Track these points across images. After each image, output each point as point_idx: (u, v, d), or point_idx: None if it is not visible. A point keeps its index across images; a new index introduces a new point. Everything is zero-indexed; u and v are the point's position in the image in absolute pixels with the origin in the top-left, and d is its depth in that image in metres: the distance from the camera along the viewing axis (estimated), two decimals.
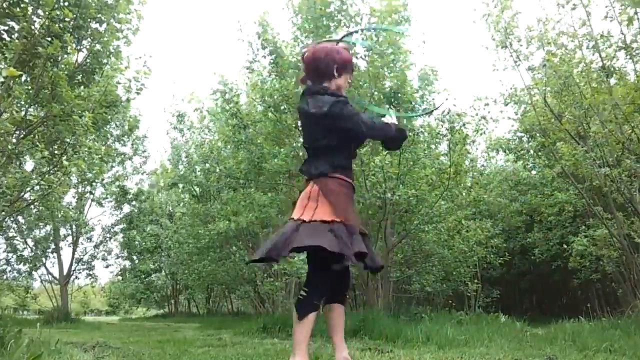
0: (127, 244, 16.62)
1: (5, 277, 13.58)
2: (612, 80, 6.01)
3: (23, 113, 4.46)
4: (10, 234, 12.43)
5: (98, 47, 4.92)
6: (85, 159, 4.75)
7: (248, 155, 7.88)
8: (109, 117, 5.59)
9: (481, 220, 8.83)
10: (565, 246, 9.45)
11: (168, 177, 13.26)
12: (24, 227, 12.29)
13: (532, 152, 10.15)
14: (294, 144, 7.82)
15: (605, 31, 5.80)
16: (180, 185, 10.84)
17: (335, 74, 2.42)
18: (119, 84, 5.27)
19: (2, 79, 3.92)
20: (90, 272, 14.89)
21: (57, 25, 4.27)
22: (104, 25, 4.93)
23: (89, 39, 4.92)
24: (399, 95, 6.64)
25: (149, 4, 5.21)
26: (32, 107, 4.85)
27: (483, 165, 11.63)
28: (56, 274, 13.48)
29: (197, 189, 9.72)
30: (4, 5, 4.38)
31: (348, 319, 5.80)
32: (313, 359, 3.45)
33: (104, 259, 15.36)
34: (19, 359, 2.87)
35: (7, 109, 4.33)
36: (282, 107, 7.18)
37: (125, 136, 13.07)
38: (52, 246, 13.31)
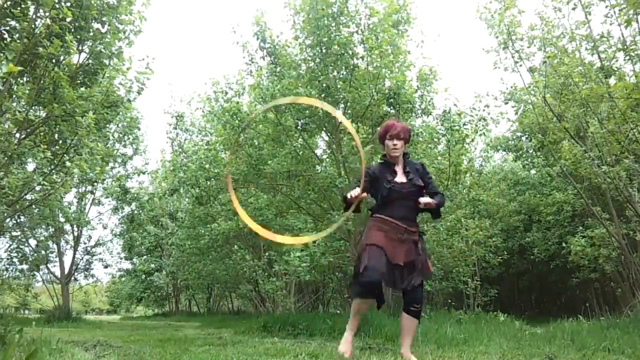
0: (129, 244, 16.68)
1: (7, 275, 13.61)
2: (612, 81, 6.03)
3: (25, 113, 4.48)
4: (13, 234, 12.45)
5: (100, 47, 4.93)
6: (87, 159, 4.77)
7: (246, 158, 7.88)
8: (111, 117, 5.60)
9: (480, 220, 8.85)
10: (564, 245, 9.49)
11: (167, 182, 13.31)
12: (26, 227, 12.32)
13: (531, 151, 10.17)
14: (294, 144, 7.83)
15: (605, 33, 5.82)
16: (181, 190, 10.86)
17: (380, 145, 3.44)
18: (121, 85, 5.28)
19: (3, 77, 3.94)
20: (88, 273, 15.00)
21: (57, 25, 4.29)
22: (106, 26, 4.94)
23: (90, 40, 4.93)
24: (398, 95, 6.66)
25: (152, 4, 5.21)
26: (34, 107, 4.86)
27: (481, 165, 11.65)
28: (57, 273, 13.53)
29: (197, 191, 9.72)
30: (5, 5, 4.39)
31: (347, 318, 5.82)
32: (312, 358, 3.48)
33: (101, 261, 15.44)
34: (17, 357, 2.88)
35: (9, 110, 4.35)
36: (282, 107, 7.18)
37: (126, 136, 13.10)
38: (54, 246, 13.37)
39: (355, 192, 2.98)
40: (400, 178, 3.21)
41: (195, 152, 9.44)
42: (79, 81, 5.04)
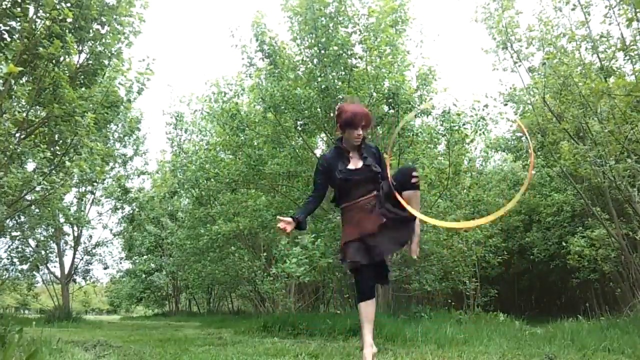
0: (129, 243, 16.69)
1: (7, 275, 13.62)
2: (611, 81, 6.03)
3: (25, 113, 4.48)
4: (13, 234, 12.46)
5: (99, 48, 4.94)
6: (87, 159, 4.78)
7: (246, 159, 7.88)
8: (111, 117, 5.60)
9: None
10: (564, 244, 9.49)
11: (166, 185, 13.30)
12: (26, 227, 12.33)
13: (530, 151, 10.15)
14: (293, 144, 7.83)
15: (604, 33, 5.83)
16: (181, 191, 10.87)
17: (340, 131, 3.12)
18: (121, 85, 5.29)
19: (3, 77, 3.94)
20: (88, 274, 15.03)
21: (58, 25, 4.29)
22: (106, 27, 4.95)
23: (90, 40, 4.94)
24: (398, 95, 6.66)
25: (150, 6, 5.22)
26: (34, 107, 4.87)
27: (482, 165, 11.65)
28: (57, 273, 13.54)
29: (197, 191, 9.73)
30: (5, 5, 4.40)
31: (347, 318, 5.82)
32: (312, 358, 3.48)
33: (101, 262, 15.46)
34: (17, 357, 2.89)
35: (9, 110, 4.36)
36: (282, 107, 7.18)
37: (127, 137, 13.11)
38: (54, 247, 13.37)
39: (289, 219, 2.94)
40: (355, 164, 3.07)
41: (195, 152, 9.45)
42: (79, 81, 5.04)
